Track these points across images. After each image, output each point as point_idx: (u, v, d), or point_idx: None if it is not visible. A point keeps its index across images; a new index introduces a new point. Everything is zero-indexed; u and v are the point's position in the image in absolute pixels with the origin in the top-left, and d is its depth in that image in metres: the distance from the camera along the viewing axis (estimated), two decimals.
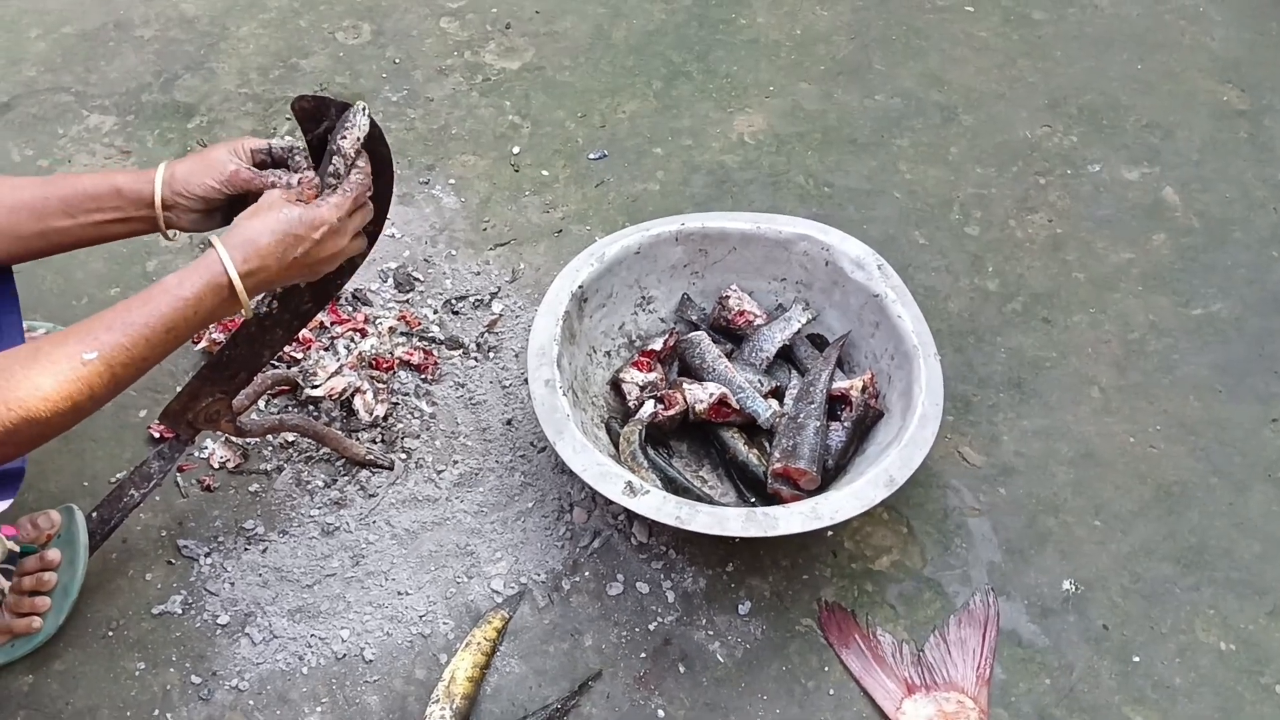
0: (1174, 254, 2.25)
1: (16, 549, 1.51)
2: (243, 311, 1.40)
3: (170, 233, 1.53)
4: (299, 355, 1.95)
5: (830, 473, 1.77)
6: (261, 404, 1.91)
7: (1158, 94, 2.60)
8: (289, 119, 2.44)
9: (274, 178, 1.49)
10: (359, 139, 1.43)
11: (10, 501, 1.36)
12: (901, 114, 2.53)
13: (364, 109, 1.43)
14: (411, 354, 1.99)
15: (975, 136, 2.48)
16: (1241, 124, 2.53)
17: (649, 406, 1.82)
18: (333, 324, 2.01)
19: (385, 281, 2.13)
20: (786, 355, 1.95)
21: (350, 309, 2.05)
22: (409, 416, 1.92)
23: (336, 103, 1.45)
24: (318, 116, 1.46)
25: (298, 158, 1.53)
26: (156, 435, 1.86)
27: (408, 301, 2.10)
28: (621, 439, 1.79)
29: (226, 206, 1.50)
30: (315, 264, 1.42)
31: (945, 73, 2.63)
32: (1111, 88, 2.61)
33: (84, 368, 1.25)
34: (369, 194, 1.47)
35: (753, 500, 1.80)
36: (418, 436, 1.90)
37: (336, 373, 1.92)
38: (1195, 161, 2.44)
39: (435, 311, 2.09)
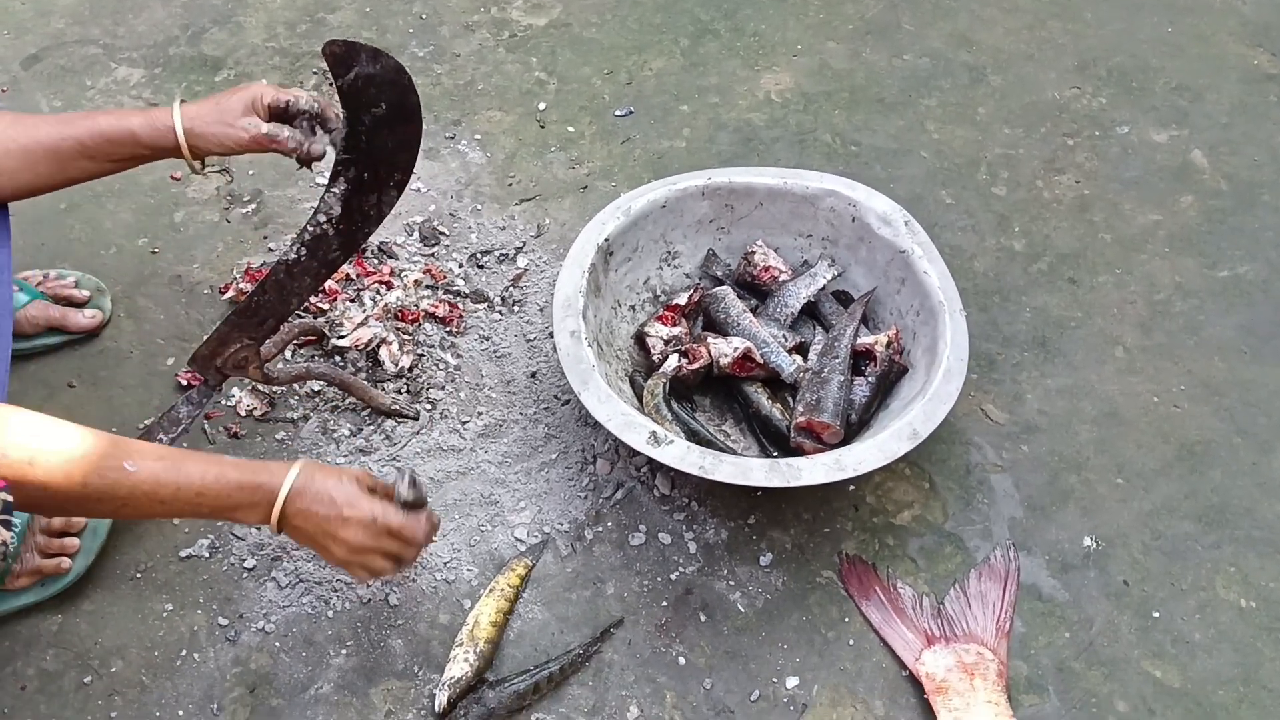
0: (1201, 216, 2.24)
1: (10, 499, 1.51)
2: (263, 527, 1.40)
3: (196, 163, 1.57)
4: (325, 306, 1.96)
5: (853, 427, 1.77)
6: (288, 354, 1.92)
7: (1187, 57, 2.58)
8: (315, 73, 2.45)
9: (292, 142, 1.52)
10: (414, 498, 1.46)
11: None
12: (930, 74, 2.52)
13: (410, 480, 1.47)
14: (437, 307, 2.00)
15: (1003, 97, 2.47)
16: (1271, 88, 2.50)
17: (673, 360, 1.83)
18: (359, 276, 2.02)
19: (411, 235, 2.14)
20: (811, 311, 1.96)
21: (376, 261, 2.06)
22: (434, 368, 1.93)
23: (367, 48, 1.46)
24: (348, 62, 1.47)
25: (329, 113, 1.54)
26: (184, 382, 1.88)
27: (433, 255, 2.11)
28: (646, 392, 1.80)
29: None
30: (326, 536, 1.39)
31: (974, 33, 2.62)
32: (1141, 50, 2.59)
33: (117, 472, 1.25)
34: (423, 537, 1.47)
35: (775, 454, 1.80)
36: (442, 388, 1.91)
37: (362, 324, 1.93)
38: (1224, 124, 2.42)
39: (460, 265, 2.10)
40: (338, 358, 1.92)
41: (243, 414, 1.86)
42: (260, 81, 1.54)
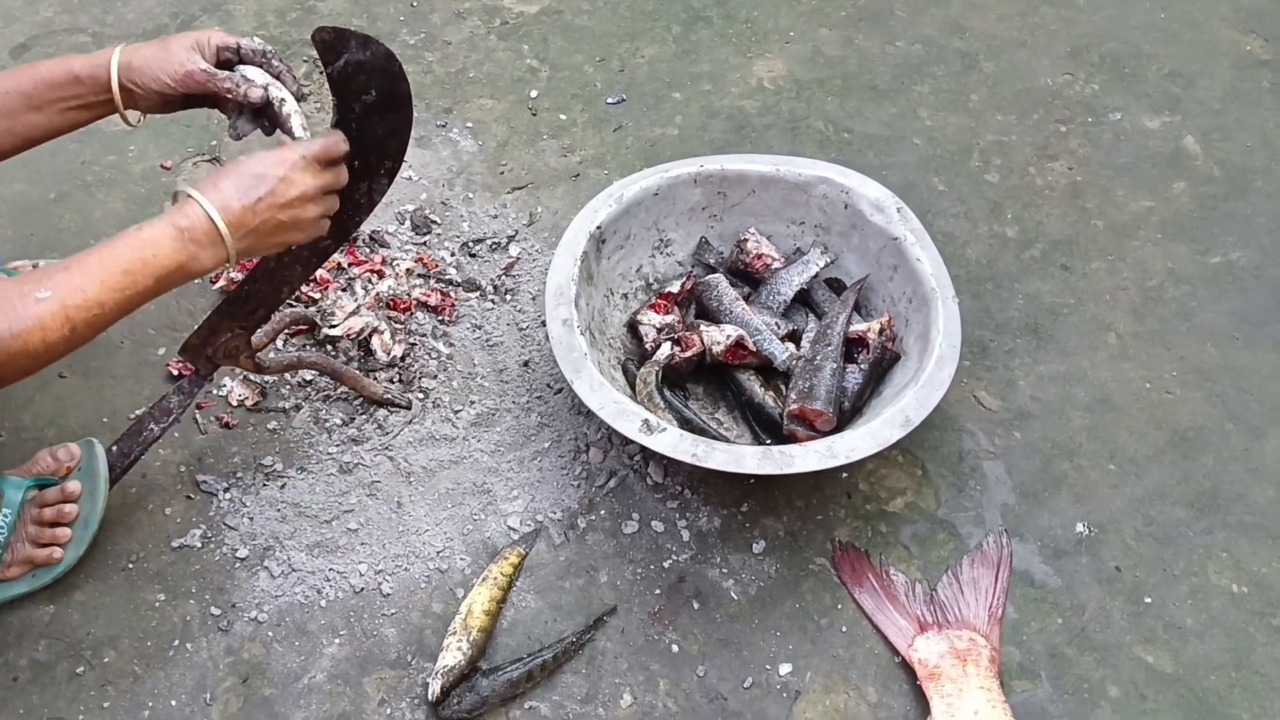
0: (1194, 202, 2.24)
1: None
2: (218, 266, 1.33)
3: (131, 116, 1.51)
4: (316, 295, 1.96)
5: (846, 415, 1.77)
6: (279, 343, 1.92)
7: (1180, 43, 2.57)
8: (306, 61, 2.44)
9: (230, 83, 1.46)
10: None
11: None
12: (922, 61, 2.52)
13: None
14: (429, 295, 1.99)
15: (996, 84, 2.47)
16: (1264, 74, 2.50)
17: (666, 348, 1.83)
18: (350, 265, 2.01)
19: (402, 223, 2.13)
20: (804, 299, 1.95)
21: (368, 250, 2.06)
22: (426, 357, 1.93)
23: (357, 35, 1.45)
24: (338, 49, 1.46)
25: (274, 62, 1.50)
26: (175, 372, 1.88)
27: (425, 244, 2.10)
28: (638, 380, 1.80)
29: (185, 99, 1.49)
30: (286, 207, 1.33)
31: (967, 20, 2.61)
32: (1134, 36, 2.59)
33: (38, 305, 1.20)
34: (343, 151, 1.41)
35: (768, 441, 1.80)
36: (435, 377, 1.91)
37: (354, 313, 1.92)
38: (1216, 111, 2.42)
39: (452, 254, 2.09)
40: (329, 347, 1.92)
41: (234, 404, 1.85)
42: (214, 28, 1.49)
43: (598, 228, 1.85)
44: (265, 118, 1.53)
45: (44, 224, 2.10)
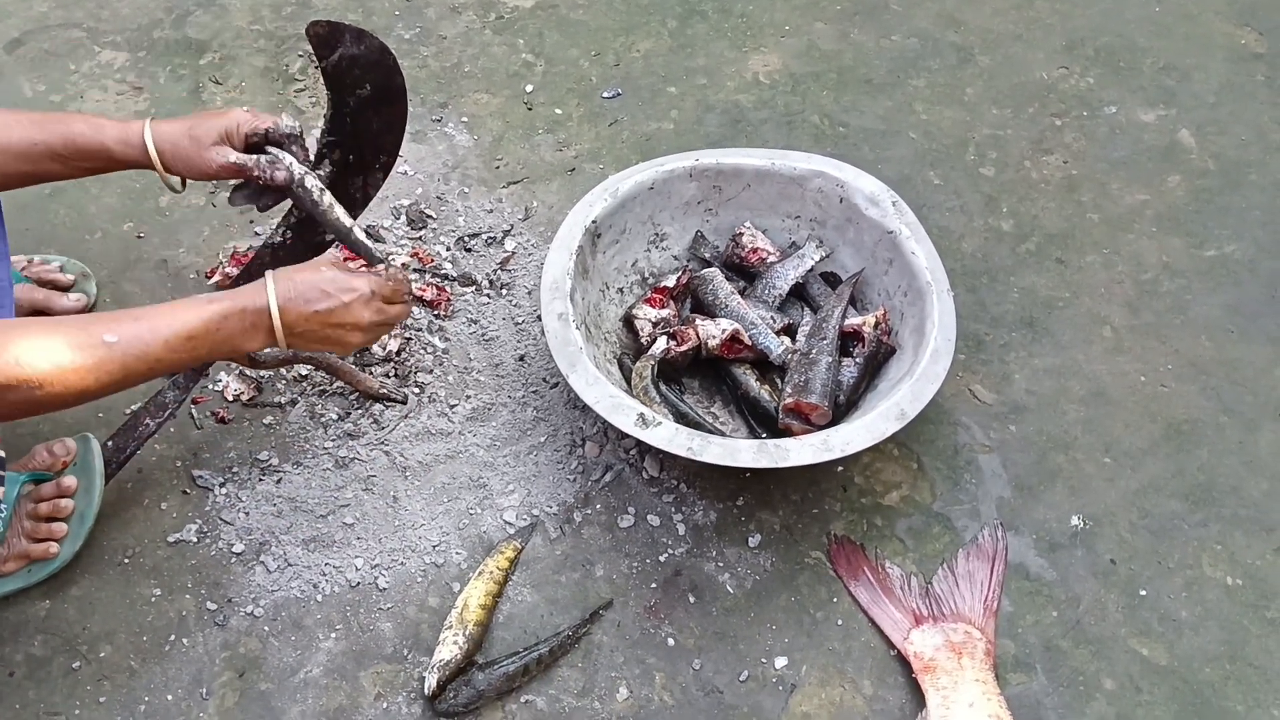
0: (1189, 196, 2.24)
1: (1, 454, 1.51)
2: (271, 344, 1.41)
3: (174, 180, 1.58)
4: None
5: (842, 408, 1.77)
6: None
7: (1175, 36, 2.57)
8: (301, 56, 2.44)
9: (258, 170, 1.51)
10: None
11: None
12: (918, 54, 2.52)
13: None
14: (424, 290, 1.99)
15: (991, 78, 2.47)
16: (1259, 67, 2.50)
17: (661, 342, 1.83)
18: (346, 260, 2.01)
19: (398, 219, 2.13)
20: (799, 293, 1.95)
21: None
22: (422, 352, 1.93)
23: (351, 29, 1.45)
24: (332, 43, 1.46)
25: (294, 147, 1.53)
26: None
27: (420, 239, 2.10)
28: (634, 374, 1.80)
29: None
30: (336, 327, 1.43)
31: (962, 13, 2.61)
32: (1129, 30, 2.59)
33: (102, 349, 1.26)
34: (409, 291, 1.50)
35: (764, 435, 1.80)
36: (430, 371, 1.91)
37: None
38: (1211, 104, 2.42)
39: (448, 249, 2.09)
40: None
41: (230, 398, 1.85)
42: (241, 109, 1.54)
43: (593, 222, 1.85)
44: (271, 196, 1.59)
45: (39, 219, 2.09)
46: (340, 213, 1.54)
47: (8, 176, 1.51)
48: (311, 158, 1.56)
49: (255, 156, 1.51)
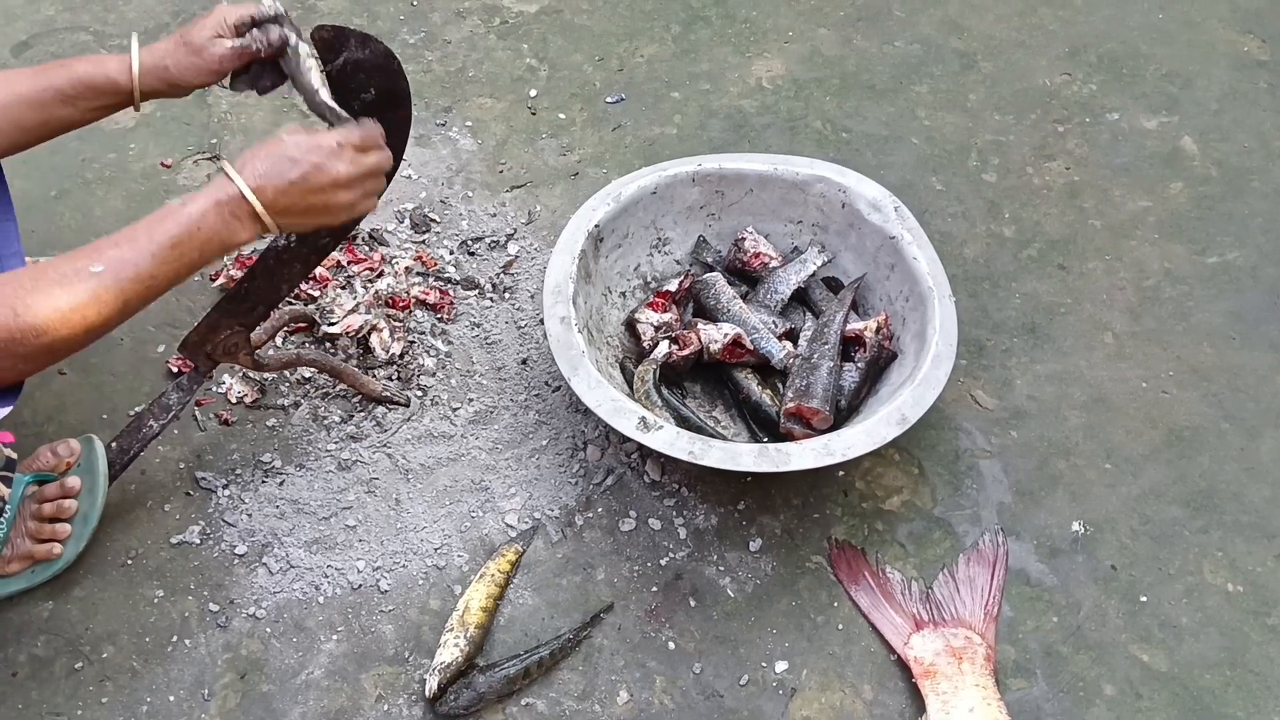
0: (1191, 202, 2.24)
1: (14, 455, 1.52)
2: (256, 237, 1.37)
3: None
4: (316, 293, 1.96)
5: (843, 413, 1.77)
6: (279, 341, 1.92)
7: (1177, 43, 2.58)
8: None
9: (255, 44, 1.50)
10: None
11: (10, 409, 1.36)
12: (921, 60, 2.52)
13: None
14: (428, 293, 2.00)
15: (994, 84, 2.47)
16: (1261, 74, 2.51)
17: (663, 346, 1.83)
18: (349, 263, 2.02)
19: (402, 222, 2.14)
20: (801, 298, 1.96)
21: (367, 249, 2.06)
22: (425, 355, 1.94)
23: (356, 33, 1.46)
24: (337, 47, 1.47)
25: (286, 24, 1.53)
26: (175, 369, 1.88)
27: (424, 242, 2.11)
28: (636, 378, 1.80)
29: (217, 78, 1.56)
30: (320, 191, 1.37)
31: (965, 20, 2.62)
32: (1131, 36, 2.59)
33: (93, 279, 1.25)
34: (380, 138, 1.44)
35: (765, 439, 1.81)
36: (433, 374, 1.91)
37: (353, 310, 1.93)
38: (1214, 111, 2.43)
39: (451, 252, 2.10)
40: (328, 344, 1.92)
41: (233, 401, 1.86)
42: (221, 2, 1.54)
43: (596, 226, 1.85)
44: (269, 76, 1.56)
45: (45, 221, 2.10)
46: (314, 77, 1.50)
47: (22, 130, 1.51)
48: (297, 41, 1.56)
49: (250, 32, 1.51)
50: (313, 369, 1.87)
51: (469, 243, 2.11)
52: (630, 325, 1.90)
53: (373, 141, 1.43)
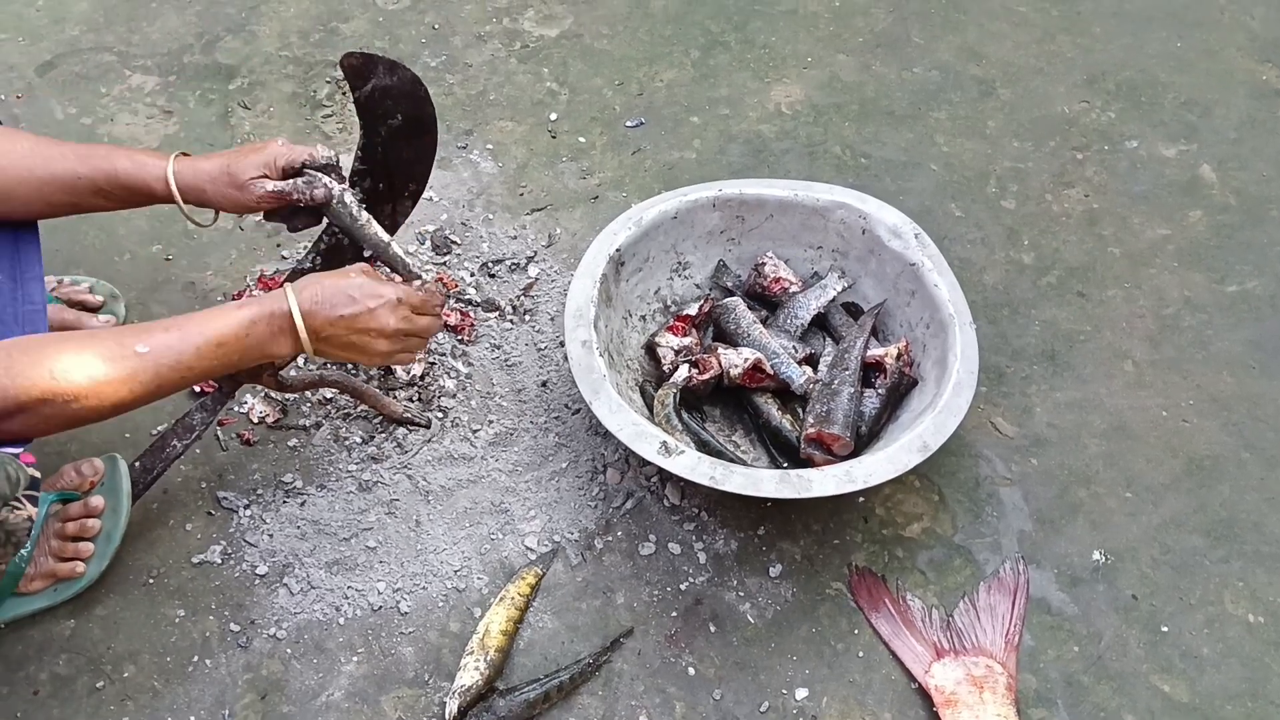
0: (1210, 231, 2.24)
1: (37, 475, 1.53)
2: (299, 351, 1.43)
3: (201, 216, 1.61)
4: None
5: (863, 439, 1.78)
6: (301, 360, 1.93)
7: (1196, 72, 2.58)
8: (329, 82, 2.46)
9: (296, 194, 1.53)
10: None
11: (23, 449, 1.39)
12: (939, 87, 2.53)
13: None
14: (448, 315, 2.00)
15: (1013, 111, 2.48)
16: None
17: (683, 370, 1.83)
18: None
19: (423, 244, 2.15)
20: (821, 323, 1.96)
21: (388, 271, 2.07)
22: (445, 376, 1.94)
23: (385, 60, 1.47)
24: (365, 74, 1.48)
25: (331, 175, 1.55)
26: (198, 389, 1.88)
27: (445, 264, 2.12)
28: (656, 402, 1.80)
29: None
30: (362, 333, 1.44)
31: (983, 47, 2.63)
32: (1150, 65, 2.60)
33: (135, 359, 1.29)
34: (442, 308, 1.52)
35: (785, 465, 1.81)
36: (454, 396, 1.92)
37: None
38: (1233, 140, 2.43)
39: (472, 274, 2.11)
40: (350, 366, 1.93)
41: (255, 421, 1.87)
42: (276, 140, 1.56)
43: (617, 250, 1.86)
44: (303, 218, 1.62)
45: (69, 240, 2.12)
46: (377, 228, 1.56)
47: (52, 207, 1.54)
48: (346, 183, 1.58)
49: (293, 180, 1.54)
50: (334, 390, 1.88)
51: (489, 265, 2.12)
52: (650, 349, 1.90)
53: (431, 307, 1.51)
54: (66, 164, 1.51)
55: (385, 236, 1.56)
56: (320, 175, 1.54)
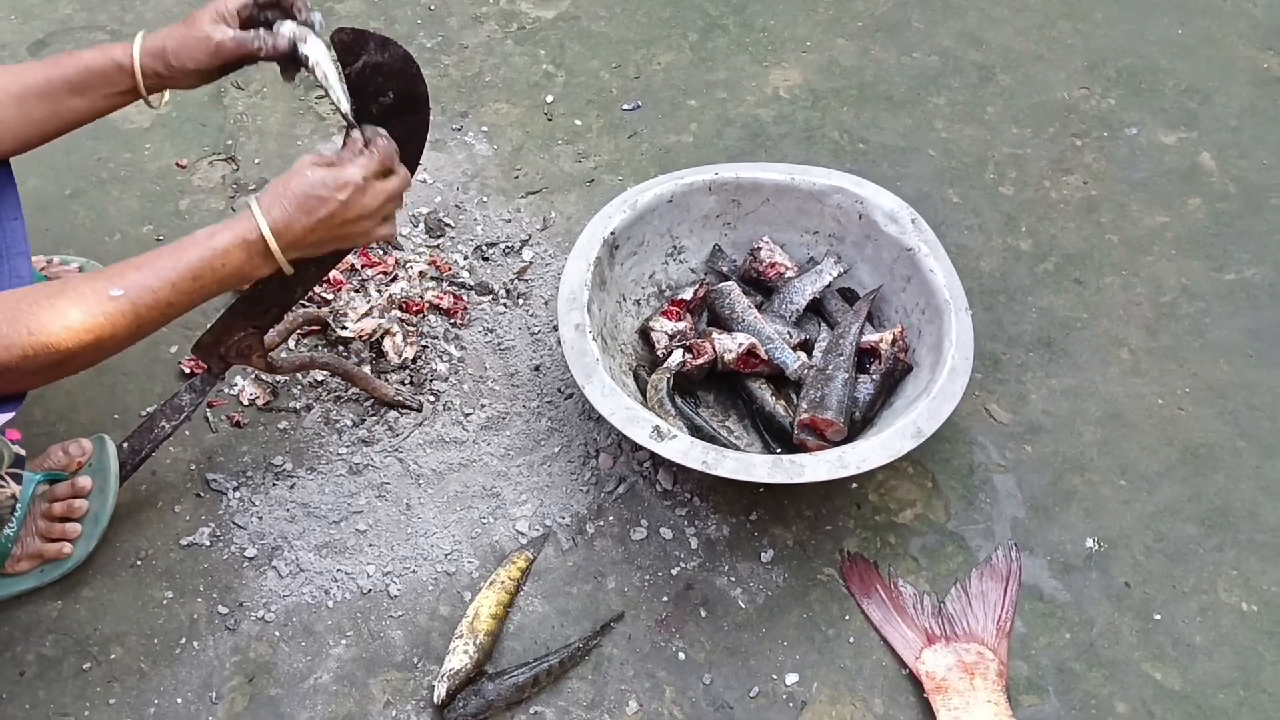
0: (1209, 219, 2.23)
1: (22, 453, 1.52)
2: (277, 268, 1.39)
3: (155, 99, 1.57)
4: (329, 296, 1.96)
5: (857, 425, 1.77)
6: (291, 344, 1.92)
7: (1197, 59, 2.57)
8: None
9: (258, 43, 1.49)
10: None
11: (14, 413, 1.37)
12: (939, 72, 2.52)
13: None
14: (441, 298, 1.99)
15: (1012, 97, 2.47)
16: None
17: (677, 355, 1.82)
18: (363, 266, 2.01)
19: (417, 226, 2.13)
20: (816, 309, 1.95)
21: (381, 252, 2.06)
22: (437, 360, 1.93)
23: (375, 36, 1.45)
24: (356, 50, 1.46)
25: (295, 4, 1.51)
26: (187, 370, 1.88)
27: (438, 247, 2.11)
28: (649, 386, 1.79)
29: (221, 68, 1.54)
30: (344, 225, 1.40)
31: (983, 32, 2.61)
32: (1151, 51, 2.58)
33: (110, 303, 1.26)
34: (396, 155, 1.45)
35: (778, 450, 1.80)
36: (446, 379, 1.91)
37: (366, 314, 1.93)
38: (1233, 127, 2.41)
39: (466, 257, 2.09)
40: (341, 348, 1.92)
41: (245, 403, 1.86)
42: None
43: (611, 234, 1.85)
44: (296, 62, 1.54)
45: (59, 220, 2.10)
46: (327, 71, 1.49)
47: (34, 123, 1.51)
48: (309, 11, 1.54)
49: (254, 31, 1.50)
50: (325, 372, 1.87)
51: (483, 248, 2.11)
52: (644, 333, 1.89)
53: (391, 163, 1.44)
54: (34, 72, 1.50)
55: (336, 85, 1.49)
56: (290, 31, 1.50)
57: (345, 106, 1.46)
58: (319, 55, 1.49)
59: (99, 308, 1.26)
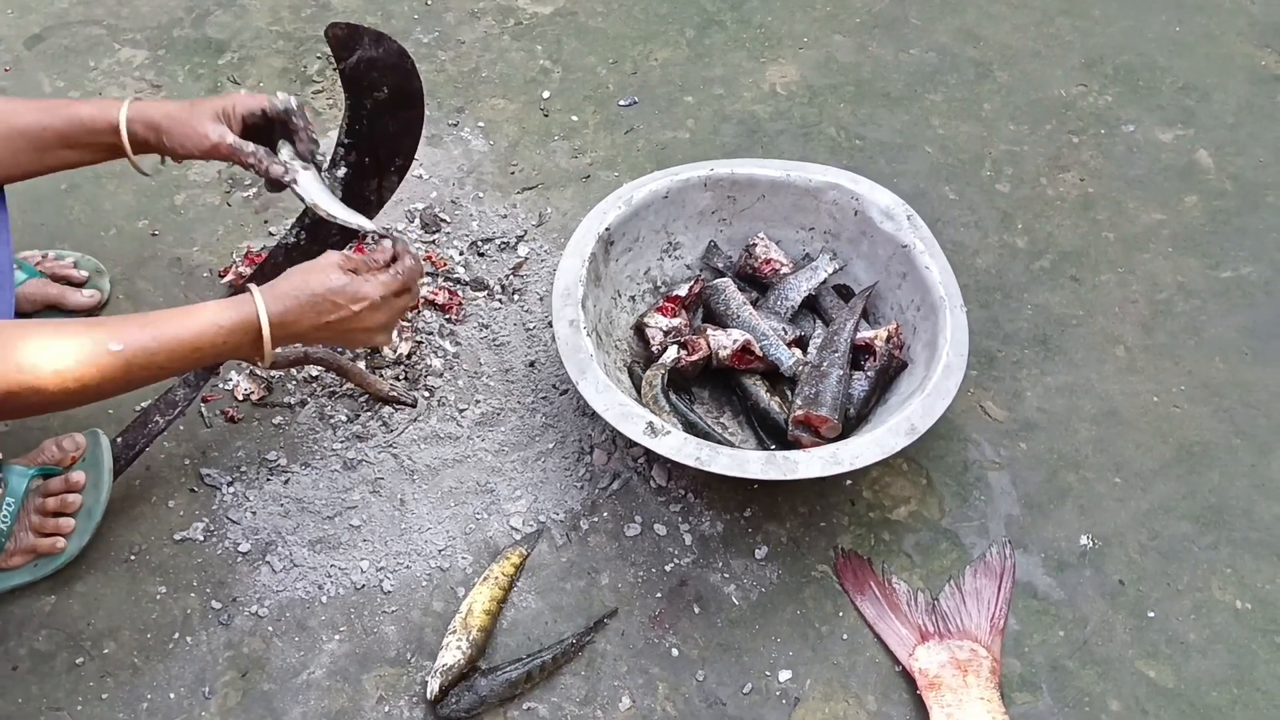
0: (1205, 216, 2.23)
1: None
2: (262, 361, 1.40)
3: (145, 164, 1.58)
4: None
5: (852, 422, 1.77)
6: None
7: (1195, 56, 2.57)
8: (319, 57, 2.44)
9: (254, 159, 1.49)
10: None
11: None
12: (936, 69, 2.51)
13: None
14: (436, 294, 1.99)
15: (1009, 93, 2.46)
16: (1278, 89, 2.49)
17: (672, 351, 1.82)
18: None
19: (412, 222, 2.13)
20: (812, 305, 1.95)
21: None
22: (432, 355, 1.93)
23: (370, 31, 1.45)
24: (350, 45, 1.46)
25: (295, 120, 1.51)
26: None
27: (434, 242, 2.10)
28: (644, 383, 1.79)
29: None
30: (349, 333, 1.43)
31: (981, 29, 2.61)
32: (1149, 48, 2.58)
33: (107, 356, 1.26)
34: (419, 275, 1.48)
35: (773, 447, 1.80)
36: (440, 375, 1.91)
37: None
38: (1230, 125, 2.41)
39: (461, 253, 2.09)
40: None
41: (240, 398, 1.86)
42: (240, 91, 1.54)
43: (606, 229, 1.85)
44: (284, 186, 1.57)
45: (55, 214, 2.10)
46: (340, 211, 1.50)
47: (18, 165, 1.51)
48: (313, 129, 1.54)
49: (255, 146, 1.50)
50: (320, 367, 1.87)
51: (479, 244, 2.11)
52: (639, 329, 1.89)
53: (412, 283, 1.47)
54: (31, 116, 1.50)
55: (356, 220, 1.51)
56: (285, 157, 1.50)
57: (366, 226, 1.48)
58: (316, 196, 1.50)
59: (95, 359, 1.25)
